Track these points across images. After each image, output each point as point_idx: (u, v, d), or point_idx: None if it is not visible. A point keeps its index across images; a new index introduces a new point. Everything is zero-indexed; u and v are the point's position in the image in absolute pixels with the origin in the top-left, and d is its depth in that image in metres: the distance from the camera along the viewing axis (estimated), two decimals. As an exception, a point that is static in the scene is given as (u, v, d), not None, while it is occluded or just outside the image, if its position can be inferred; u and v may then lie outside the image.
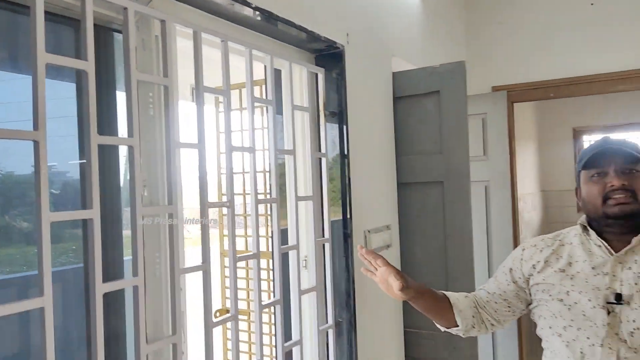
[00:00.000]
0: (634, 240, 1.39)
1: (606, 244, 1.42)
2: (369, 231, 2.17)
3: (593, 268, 1.42)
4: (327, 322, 1.95)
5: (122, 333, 1.26)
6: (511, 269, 1.57)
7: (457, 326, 1.54)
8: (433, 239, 2.40)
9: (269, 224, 1.85)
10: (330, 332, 1.96)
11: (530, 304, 1.56)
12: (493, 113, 3.19)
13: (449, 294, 1.57)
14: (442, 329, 1.60)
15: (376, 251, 2.19)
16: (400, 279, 1.43)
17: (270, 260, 2.54)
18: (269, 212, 2.45)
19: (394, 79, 2.46)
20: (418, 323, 2.42)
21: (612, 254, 1.41)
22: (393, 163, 2.44)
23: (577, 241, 1.49)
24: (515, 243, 3.20)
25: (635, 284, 1.36)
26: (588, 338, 1.38)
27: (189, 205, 1.49)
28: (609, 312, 1.36)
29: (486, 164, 3.20)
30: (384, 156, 2.37)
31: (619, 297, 1.36)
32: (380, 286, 1.51)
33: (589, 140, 6.17)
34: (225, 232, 2.74)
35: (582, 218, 1.50)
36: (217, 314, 2.82)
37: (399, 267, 2.42)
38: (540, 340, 1.53)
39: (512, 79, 3.49)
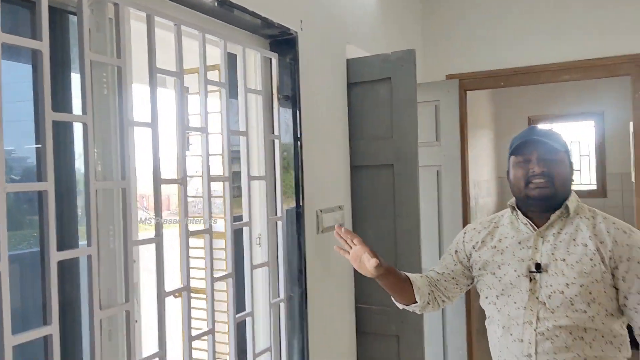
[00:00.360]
0: (552, 216, 1.60)
1: (530, 222, 1.64)
2: (321, 211, 2.27)
3: (519, 243, 1.65)
4: (279, 297, 2.05)
5: (77, 300, 1.33)
6: (456, 251, 1.79)
7: (416, 302, 1.72)
8: (383, 219, 2.52)
9: (226, 205, 1.94)
10: (282, 306, 2.06)
11: (473, 280, 1.77)
12: (446, 100, 3.33)
13: (408, 274, 1.75)
14: (401, 306, 1.79)
15: (328, 231, 2.31)
16: (375, 256, 1.61)
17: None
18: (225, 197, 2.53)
19: (348, 66, 2.55)
20: (369, 299, 2.55)
21: (535, 230, 1.62)
22: (346, 146, 2.55)
23: (508, 221, 1.72)
24: (464, 224, 3.35)
25: (552, 254, 1.57)
26: (515, 303, 1.59)
27: (148, 183, 1.56)
28: (530, 280, 1.57)
29: (438, 149, 3.33)
30: (337, 140, 2.47)
31: (538, 266, 1.57)
32: (353, 263, 1.68)
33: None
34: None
35: (512, 200, 1.72)
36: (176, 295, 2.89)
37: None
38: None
39: (465, 68, 3.62)
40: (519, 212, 1.67)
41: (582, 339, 1.53)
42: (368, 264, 1.61)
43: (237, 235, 1.84)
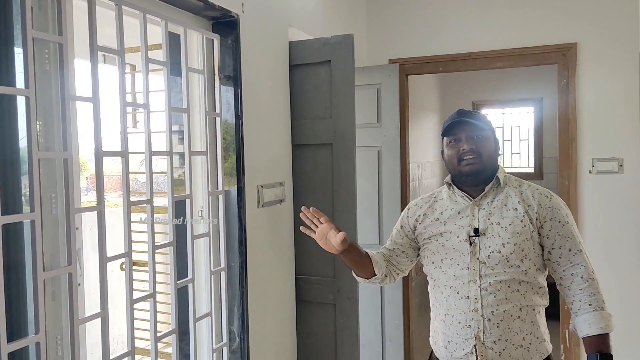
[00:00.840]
0: (487, 188, 1.83)
1: (467, 194, 1.86)
2: (261, 186, 2.40)
3: (458, 213, 1.86)
4: (220, 265, 2.18)
5: (22, 263, 1.42)
6: (402, 226, 2.00)
7: (375, 275, 1.92)
8: (322, 195, 2.67)
9: (169, 178, 2.03)
10: (223, 275, 2.18)
11: (419, 250, 1.97)
12: (387, 84, 3.48)
13: (367, 250, 1.96)
14: (361, 280, 1.98)
15: (268, 205, 2.44)
16: (340, 232, 1.77)
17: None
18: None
19: (290, 48, 2.67)
20: (308, 270, 2.71)
21: (471, 200, 1.84)
22: (288, 126, 2.67)
23: (446, 196, 1.93)
24: (403, 202, 3.55)
25: (488, 219, 1.80)
26: (458, 264, 1.82)
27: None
28: (470, 244, 1.79)
29: (379, 130, 3.50)
30: (279, 119, 2.60)
31: (476, 231, 1.80)
32: (319, 241, 1.83)
33: (486, 114, 6.68)
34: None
35: (448, 177, 1.93)
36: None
37: (291, 221, 2.68)
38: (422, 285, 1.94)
39: (407, 53, 3.79)
40: (454, 187, 1.89)
41: (518, 291, 1.77)
42: (334, 239, 1.77)
43: (180, 209, 1.95)
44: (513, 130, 6.55)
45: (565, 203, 1.89)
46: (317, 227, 1.83)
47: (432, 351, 2.00)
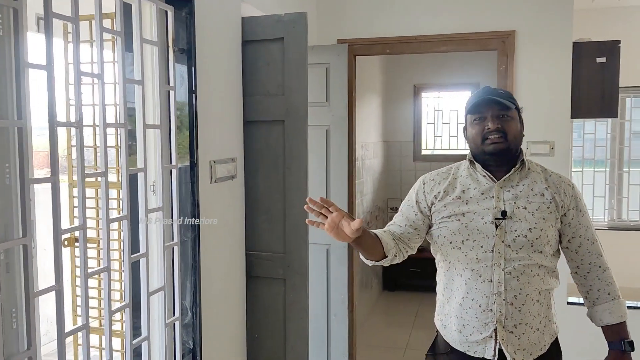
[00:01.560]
0: (513, 170, 1.81)
1: (490, 174, 1.83)
2: (214, 162, 2.40)
3: (482, 193, 1.82)
4: (173, 240, 2.17)
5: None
6: (417, 201, 1.92)
7: (386, 257, 1.80)
8: (274, 171, 2.69)
9: (121, 151, 1.99)
10: (176, 249, 2.18)
11: (430, 227, 1.91)
12: (336, 64, 3.53)
13: (374, 231, 1.82)
14: (370, 262, 1.84)
15: (221, 181, 2.45)
16: (358, 220, 1.54)
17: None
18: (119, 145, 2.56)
19: (243, 24, 2.66)
20: (258, 246, 2.74)
21: (494, 182, 1.82)
22: (240, 102, 2.67)
23: (466, 173, 1.88)
24: (350, 180, 3.63)
25: (514, 202, 1.79)
26: (482, 247, 1.78)
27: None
28: (497, 226, 1.77)
29: (328, 109, 3.55)
30: (231, 95, 2.59)
31: (504, 214, 1.77)
32: (329, 232, 1.58)
33: (426, 97, 6.87)
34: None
35: (469, 154, 1.88)
36: (65, 242, 2.90)
37: (242, 197, 2.70)
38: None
39: (356, 34, 3.83)
40: (478, 165, 1.84)
41: (538, 275, 1.79)
42: (349, 227, 1.53)
43: (132, 183, 1.93)
44: (452, 114, 6.77)
45: None
46: (326, 217, 1.59)
47: (436, 335, 1.98)
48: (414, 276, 5.91)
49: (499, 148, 1.78)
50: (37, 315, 1.48)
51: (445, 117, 6.84)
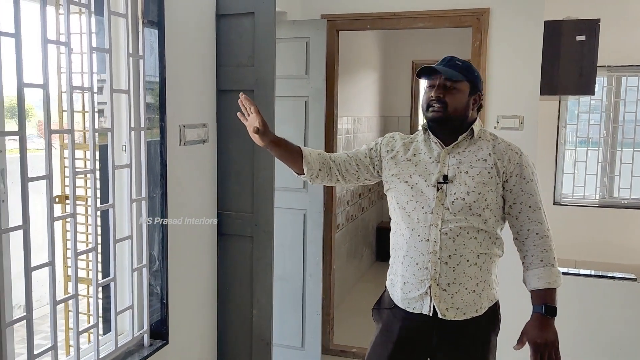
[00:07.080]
0: (460, 137, 1.93)
1: (440, 141, 1.95)
2: (184, 126, 2.61)
3: (430, 158, 1.96)
4: (141, 195, 2.40)
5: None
6: (371, 148, 2.10)
7: (304, 174, 2.05)
8: (244, 137, 2.87)
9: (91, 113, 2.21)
10: (144, 204, 2.41)
11: (379, 174, 2.09)
12: (315, 38, 3.69)
13: (303, 147, 2.07)
14: (295, 175, 2.12)
15: (190, 144, 2.67)
16: (262, 126, 1.93)
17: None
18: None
19: (217, -2, 2.85)
20: (230, 206, 2.96)
21: (444, 148, 1.95)
22: (213, 71, 2.87)
23: (421, 139, 2.02)
24: (328, 149, 3.82)
25: (457, 167, 1.90)
26: (422, 208, 1.91)
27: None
28: (438, 189, 1.90)
29: (307, 82, 3.72)
30: (204, 65, 2.79)
31: (445, 178, 1.90)
32: (249, 130, 1.98)
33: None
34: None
35: (424, 122, 2.01)
36: (57, 200, 3.16)
37: (214, 160, 2.92)
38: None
39: (339, 9, 3.97)
40: (430, 133, 1.97)
41: (476, 239, 1.88)
42: (250, 130, 1.95)
43: (103, 148, 2.15)
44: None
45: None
46: (249, 115, 1.98)
47: (384, 291, 2.10)
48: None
49: (436, 117, 1.89)
50: (5, 253, 1.72)
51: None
